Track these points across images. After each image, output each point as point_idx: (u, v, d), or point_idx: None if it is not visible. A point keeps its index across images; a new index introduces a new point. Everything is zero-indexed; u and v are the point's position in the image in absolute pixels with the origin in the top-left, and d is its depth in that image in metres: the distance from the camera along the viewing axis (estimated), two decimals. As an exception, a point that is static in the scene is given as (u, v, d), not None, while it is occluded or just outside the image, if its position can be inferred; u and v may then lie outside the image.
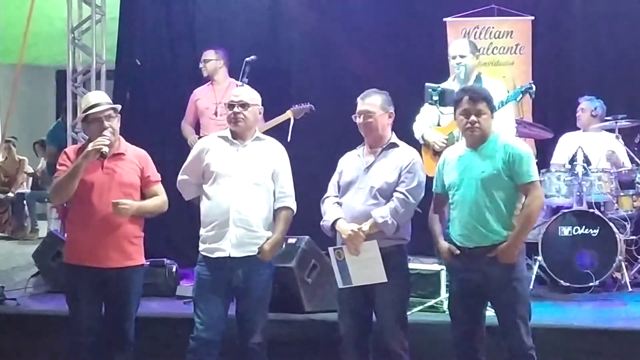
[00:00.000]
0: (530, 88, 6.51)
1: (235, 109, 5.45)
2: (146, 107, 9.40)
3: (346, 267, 5.24)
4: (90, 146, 5.25)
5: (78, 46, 9.35)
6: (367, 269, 5.20)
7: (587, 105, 8.30)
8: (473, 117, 5.10)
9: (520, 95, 6.58)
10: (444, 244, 5.24)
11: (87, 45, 9.27)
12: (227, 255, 5.30)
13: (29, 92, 14.09)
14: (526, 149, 5.19)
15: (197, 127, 8.26)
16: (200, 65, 8.31)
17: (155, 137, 8.71)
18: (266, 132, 5.95)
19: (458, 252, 5.16)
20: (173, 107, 9.44)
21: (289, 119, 7.64)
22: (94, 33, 9.24)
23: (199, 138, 7.40)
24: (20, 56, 8.96)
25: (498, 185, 5.06)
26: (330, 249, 5.34)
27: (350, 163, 5.48)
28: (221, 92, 8.05)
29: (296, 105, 7.73)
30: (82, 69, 9.39)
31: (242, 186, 5.35)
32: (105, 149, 5.23)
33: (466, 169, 5.17)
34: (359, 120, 5.40)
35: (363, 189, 5.33)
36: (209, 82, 8.30)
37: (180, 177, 5.62)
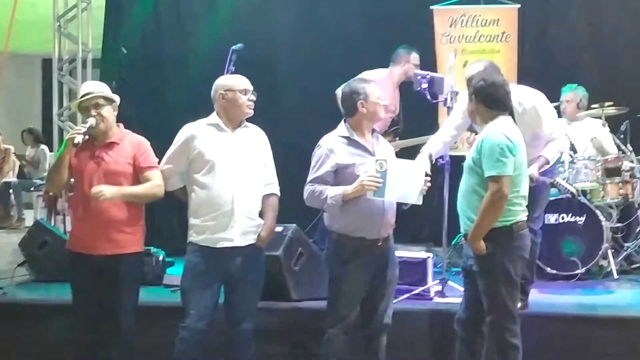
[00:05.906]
0: None
1: (251, 96, 5.46)
2: (132, 95, 9.34)
3: (384, 179, 5.05)
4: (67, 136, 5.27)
5: (64, 34, 9.33)
6: (404, 187, 5.10)
7: (572, 97, 8.20)
8: None
9: None
10: None
11: (73, 33, 9.24)
12: (234, 244, 5.28)
13: (15, 81, 14.05)
14: (498, 141, 4.92)
15: None
16: (408, 68, 7.90)
17: (141, 126, 8.67)
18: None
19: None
20: (159, 96, 9.43)
21: None
22: (80, 21, 9.22)
23: None
24: (6, 44, 8.92)
25: (474, 175, 5.03)
26: (372, 159, 5.10)
27: (354, 153, 5.24)
28: None
29: None
30: (68, 57, 9.36)
31: (242, 175, 5.33)
32: (79, 138, 5.18)
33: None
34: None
35: None
36: (386, 73, 7.92)
37: (164, 166, 5.49)
